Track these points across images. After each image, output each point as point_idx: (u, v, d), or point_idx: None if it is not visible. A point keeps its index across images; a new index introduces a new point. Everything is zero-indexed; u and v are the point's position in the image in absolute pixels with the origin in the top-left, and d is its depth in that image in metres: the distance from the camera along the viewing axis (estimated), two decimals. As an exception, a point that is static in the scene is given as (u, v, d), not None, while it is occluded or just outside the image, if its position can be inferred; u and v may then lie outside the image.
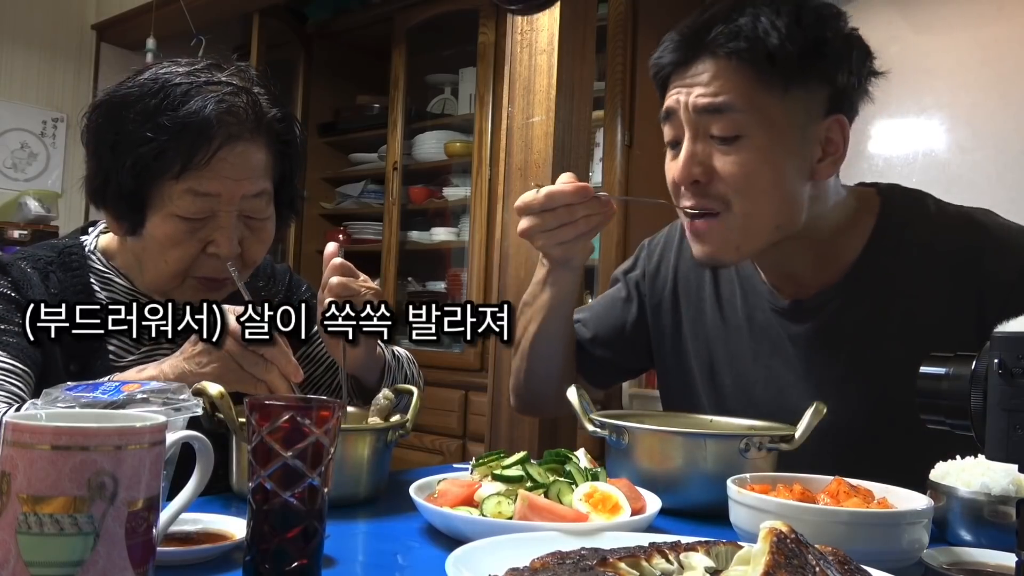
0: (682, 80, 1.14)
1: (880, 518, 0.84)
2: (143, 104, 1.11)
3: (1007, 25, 2.68)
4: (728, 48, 1.09)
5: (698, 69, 1.12)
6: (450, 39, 3.84)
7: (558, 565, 0.63)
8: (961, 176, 2.73)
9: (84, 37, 4.82)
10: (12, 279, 1.15)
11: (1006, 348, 0.63)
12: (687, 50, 1.13)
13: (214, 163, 1.10)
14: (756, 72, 1.09)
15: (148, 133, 1.09)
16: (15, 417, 0.60)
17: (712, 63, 1.11)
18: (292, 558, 0.67)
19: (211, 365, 1.00)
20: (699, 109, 1.11)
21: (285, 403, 0.69)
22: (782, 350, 1.25)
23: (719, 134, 1.11)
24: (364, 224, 4.18)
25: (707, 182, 1.13)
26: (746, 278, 1.31)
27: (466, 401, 3.38)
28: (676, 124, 1.15)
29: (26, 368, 1.08)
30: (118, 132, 1.12)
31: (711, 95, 1.10)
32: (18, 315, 1.12)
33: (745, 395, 1.29)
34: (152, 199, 1.13)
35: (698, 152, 1.13)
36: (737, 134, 1.10)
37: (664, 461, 1.07)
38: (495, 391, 1.64)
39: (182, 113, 1.09)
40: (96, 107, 1.16)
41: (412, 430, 1.13)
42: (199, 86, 1.12)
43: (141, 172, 1.10)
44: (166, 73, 1.14)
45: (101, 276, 1.22)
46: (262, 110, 1.16)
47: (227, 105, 1.11)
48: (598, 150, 3.07)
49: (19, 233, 3.96)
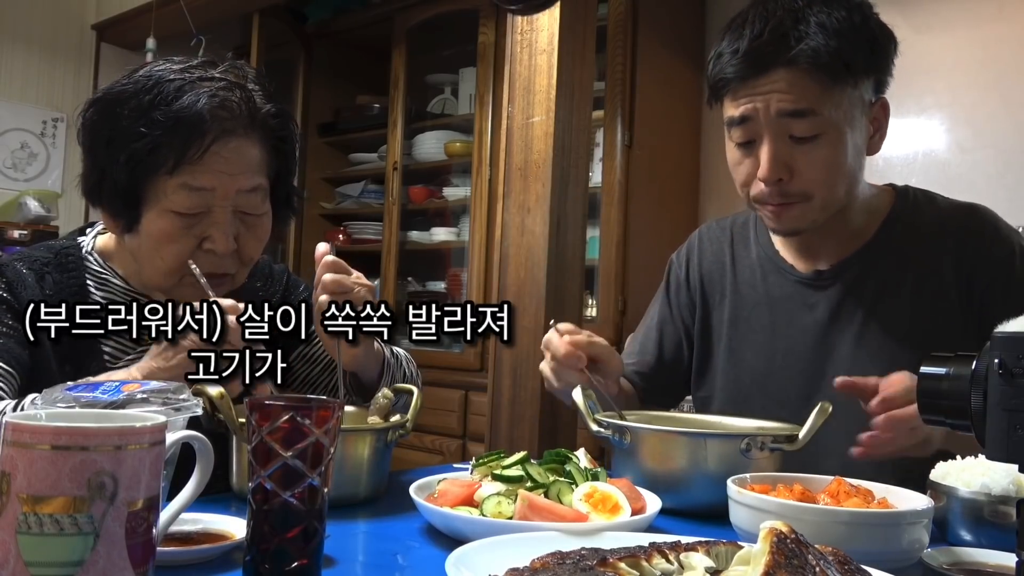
0: (754, 89, 1.22)
1: (880, 518, 0.84)
2: (137, 100, 1.11)
3: (1007, 25, 2.68)
4: (808, 63, 1.18)
5: (773, 78, 1.20)
6: (450, 39, 3.84)
7: (558, 565, 0.63)
8: (961, 176, 2.73)
9: (84, 37, 4.82)
10: (7, 280, 1.15)
11: (1006, 348, 0.63)
12: (758, 64, 1.21)
13: (208, 158, 1.11)
14: (831, 77, 1.20)
15: (142, 128, 1.09)
16: (15, 417, 0.60)
17: (787, 72, 1.20)
18: (292, 558, 0.67)
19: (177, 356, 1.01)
20: (782, 113, 1.21)
21: (285, 403, 0.69)
22: (800, 320, 1.36)
23: (801, 135, 1.22)
24: (364, 224, 4.18)
25: (789, 179, 1.24)
26: (767, 259, 1.43)
27: (466, 401, 3.38)
28: (751, 128, 1.25)
29: (10, 369, 1.08)
30: (112, 128, 1.12)
31: (792, 101, 1.20)
32: (9, 316, 1.12)
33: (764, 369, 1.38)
34: (147, 195, 1.13)
35: (780, 153, 1.23)
36: (817, 133, 1.21)
37: (666, 461, 1.08)
38: (495, 391, 1.64)
39: (175, 108, 1.09)
40: (91, 104, 1.16)
41: (412, 430, 1.13)
42: (192, 82, 1.12)
43: (135, 167, 1.11)
44: (160, 70, 1.14)
45: (98, 277, 1.22)
46: (256, 106, 1.16)
47: (220, 100, 1.11)
48: (598, 150, 3.07)
49: (19, 233, 3.96)
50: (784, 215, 1.27)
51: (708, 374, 1.46)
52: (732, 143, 1.29)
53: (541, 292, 1.58)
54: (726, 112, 1.28)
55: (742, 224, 1.49)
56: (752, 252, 1.45)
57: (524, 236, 1.61)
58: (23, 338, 1.11)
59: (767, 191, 1.25)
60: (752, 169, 1.26)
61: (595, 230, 3.01)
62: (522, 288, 1.60)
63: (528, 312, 1.59)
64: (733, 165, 1.31)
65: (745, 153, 1.27)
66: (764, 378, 1.37)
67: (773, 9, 1.22)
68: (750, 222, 1.48)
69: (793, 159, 1.23)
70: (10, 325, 1.11)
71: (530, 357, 1.57)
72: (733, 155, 1.30)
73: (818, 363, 1.32)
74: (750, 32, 1.21)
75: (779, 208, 1.27)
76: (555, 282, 1.59)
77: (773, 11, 1.22)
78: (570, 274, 1.63)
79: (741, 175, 1.29)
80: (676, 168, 3.25)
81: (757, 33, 1.21)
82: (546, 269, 1.58)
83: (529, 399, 1.58)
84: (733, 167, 1.31)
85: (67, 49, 4.76)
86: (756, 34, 1.21)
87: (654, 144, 3.10)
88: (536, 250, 1.59)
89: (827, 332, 1.33)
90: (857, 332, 1.31)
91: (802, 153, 1.22)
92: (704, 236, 1.53)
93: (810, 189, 1.24)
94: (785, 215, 1.27)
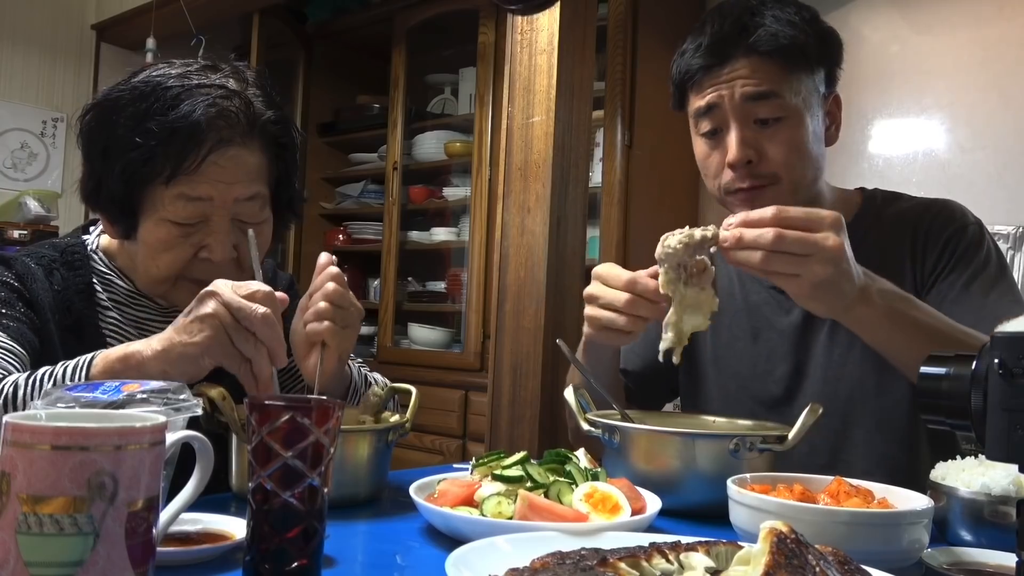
0: (718, 78, 1.29)
1: (880, 518, 0.84)
2: (133, 108, 1.10)
3: (1007, 25, 2.68)
4: (767, 47, 1.26)
5: (736, 67, 1.28)
6: (450, 39, 3.84)
7: (558, 565, 0.63)
8: (961, 176, 2.73)
9: (84, 37, 4.82)
10: (16, 272, 1.15)
11: (1006, 348, 0.63)
12: (721, 53, 1.29)
13: (205, 167, 1.10)
14: (788, 63, 1.28)
15: (137, 138, 1.08)
16: (15, 417, 0.60)
17: (748, 59, 1.27)
18: (292, 558, 0.67)
19: (202, 334, 0.97)
20: (747, 97, 1.27)
21: (285, 403, 0.69)
22: (778, 323, 1.39)
23: (765, 116, 1.27)
24: (364, 224, 4.18)
25: (758, 161, 1.28)
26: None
27: (466, 401, 3.38)
28: (718, 116, 1.30)
29: (24, 350, 1.09)
30: (109, 136, 1.11)
31: (755, 85, 1.27)
32: (20, 304, 1.12)
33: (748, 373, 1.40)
34: (143, 204, 1.12)
35: (747, 137, 1.28)
36: (780, 115, 1.28)
37: (655, 461, 1.08)
38: (495, 391, 1.64)
39: (171, 118, 1.08)
40: (88, 110, 1.15)
41: (412, 430, 1.13)
42: (190, 89, 1.11)
43: (131, 178, 1.10)
44: (158, 76, 1.13)
45: (103, 277, 1.23)
46: (255, 113, 1.15)
47: (218, 109, 1.10)
48: (598, 150, 3.07)
49: (19, 233, 3.96)
50: (756, 200, 1.27)
51: (697, 383, 1.47)
52: (699, 137, 1.34)
53: (541, 292, 1.58)
54: (692, 105, 1.33)
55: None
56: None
57: (524, 236, 1.61)
58: (35, 325, 1.12)
59: (737, 175, 1.29)
60: (721, 158, 1.31)
61: (595, 230, 3.01)
62: (522, 288, 1.60)
63: (528, 312, 1.59)
64: (702, 160, 1.35)
65: (712, 144, 1.32)
66: (749, 382, 1.40)
67: (730, 9, 1.31)
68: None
69: (759, 142, 1.28)
70: (22, 311, 1.12)
71: (530, 357, 1.57)
72: (701, 149, 1.35)
73: (798, 364, 1.36)
74: (710, 28, 1.30)
75: (750, 192, 1.29)
76: (555, 282, 1.59)
77: (730, 11, 1.31)
78: (570, 274, 1.63)
79: (711, 167, 1.33)
80: (676, 168, 3.24)
81: (717, 28, 1.30)
82: (546, 269, 1.58)
83: (529, 399, 1.58)
84: (702, 161, 1.35)
85: (67, 49, 4.76)
86: (716, 29, 1.30)
87: (654, 144, 3.10)
88: (536, 250, 1.59)
89: (802, 333, 1.36)
90: (829, 330, 1.34)
91: (767, 136, 1.28)
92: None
93: (778, 171, 1.28)
94: (757, 200, 1.27)
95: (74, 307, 1.17)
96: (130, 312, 1.22)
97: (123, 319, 1.22)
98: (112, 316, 1.21)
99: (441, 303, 3.83)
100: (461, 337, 3.64)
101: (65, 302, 1.17)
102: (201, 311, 0.98)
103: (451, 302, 3.78)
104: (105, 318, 1.20)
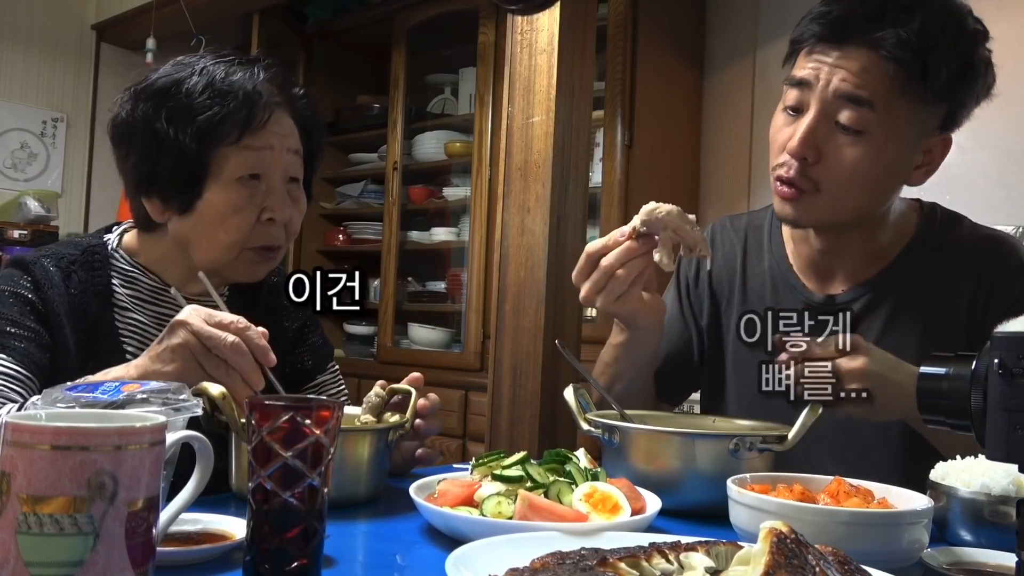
0: (827, 56, 1.15)
1: (880, 518, 0.84)
2: (192, 82, 1.17)
3: (1007, 25, 2.68)
4: (889, 52, 1.11)
5: (850, 53, 1.14)
6: (450, 39, 3.84)
7: (558, 565, 0.63)
8: (961, 176, 2.73)
9: (84, 37, 4.82)
10: (33, 278, 1.15)
11: (1006, 348, 0.63)
12: (840, 33, 1.14)
13: (269, 125, 1.19)
14: (905, 79, 1.12)
15: (207, 100, 1.16)
16: (15, 417, 0.60)
17: (867, 54, 1.13)
18: (292, 558, 0.67)
19: (172, 364, 0.98)
20: (839, 94, 1.14)
21: (285, 403, 0.69)
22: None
23: (846, 124, 1.15)
24: (364, 224, 4.18)
25: (813, 163, 1.17)
26: (779, 274, 1.37)
27: (466, 401, 3.38)
28: (803, 96, 1.18)
29: (28, 374, 1.08)
30: (171, 110, 1.16)
31: (855, 85, 1.13)
32: (31, 317, 1.12)
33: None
34: (211, 168, 1.17)
35: (818, 133, 1.16)
36: (862, 129, 1.14)
37: (655, 461, 1.07)
38: (495, 391, 1.64)
39: (236, 79, 1.18)
40: (134, 96, 1.19)
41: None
42: (234, 63, 1.20)
43: (203, 138, 1.16)
44: (193, 59, 1.21)
45: (126, 275, 1.23)
46: (289, 83, 1.26)
47: (268, 75, 1.21)
48: (598, 150, 3.07)
49: (19, 233, 3.96)
50: (790, 203, 1.22)
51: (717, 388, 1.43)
52: (781, 106, 1.24)
53: (541, 292, 1.58)
54: (792, 72, 1.22)
55: (756, 228, 1.44)
56: (764, 261, 1.40)
57: (524, 236, 1.61)
58: (44, 341, 1.12)
59: (787, 164, 1.20)
60: (787, 139, 1.20)
61: (595, 230, 3.01)
62: (522, 288, 1.60)
63: (528, 312, 1.59)
64: (774, 131, 1.25)
65: (788, 121, 1.21)
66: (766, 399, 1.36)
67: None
68: (764, 226, 1.43)
69: (826, 144, 1.17)
70: (31, 328, 1.12)
71: (530, 357, 1.57)
72: (778, 120, 1.24)
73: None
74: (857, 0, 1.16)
75: (788, 191, 1.21)
76: (555, 282, 1.59)
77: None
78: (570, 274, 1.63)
79: (778, 142, 1.23)
80: (676, 168, 3.25)
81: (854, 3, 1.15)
82: (546, 269, 1.58)
83: (529, 399, 1.58)
84: (774, 133, 1.25)
85: (67, 49, 4.76)
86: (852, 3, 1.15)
87: (654, 144, 3.11)
88: (536, 250, 1.59)
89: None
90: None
91: (838, 144, 1.16)
92: (717, 235, 1.48)
93: (825, 184, 1.18)
94: (791, 203, 1.22)
95: (90, 310, 1.18)
96: (154, 310, 1.23)
97: (146, 319, 1.22)
98: (132, 317, 1.21)
99: (441, 303, 3.83)
100: (461, 337, 3.64)
101: (81, 305, 1.17)
102: (172, 341, 0.99)
103: (451, 302, 3.78)
104: (123, 319, 1.21)
